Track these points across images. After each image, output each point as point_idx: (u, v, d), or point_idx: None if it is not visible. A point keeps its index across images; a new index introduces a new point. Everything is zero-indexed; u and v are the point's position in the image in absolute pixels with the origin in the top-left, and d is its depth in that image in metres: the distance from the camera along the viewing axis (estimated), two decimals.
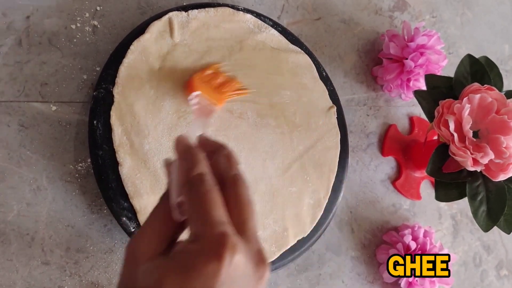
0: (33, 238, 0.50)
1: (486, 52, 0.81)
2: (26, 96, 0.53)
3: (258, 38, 0.61)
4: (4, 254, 0.49)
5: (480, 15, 0.84)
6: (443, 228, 0.73)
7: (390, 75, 0.68)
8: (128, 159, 0.51)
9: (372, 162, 0.69)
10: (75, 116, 0.54)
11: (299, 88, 0.62)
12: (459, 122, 0.56)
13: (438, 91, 0.61)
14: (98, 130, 0.51)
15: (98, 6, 0.57)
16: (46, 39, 0.54)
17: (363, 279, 0.65)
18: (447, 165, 0.58)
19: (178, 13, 0.57)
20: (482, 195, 0.57)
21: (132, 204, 0.50)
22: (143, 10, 0.60)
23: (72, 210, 0.52)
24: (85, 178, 0.53)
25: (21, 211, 0.50)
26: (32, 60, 0.53)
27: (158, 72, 0.55)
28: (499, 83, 0.61)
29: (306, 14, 0.70)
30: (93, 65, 0.56)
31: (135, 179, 0.51)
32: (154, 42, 0.55)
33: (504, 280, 0.76)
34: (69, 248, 0.51)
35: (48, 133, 0.53)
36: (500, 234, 0.77)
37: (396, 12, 0.77)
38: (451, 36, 0.81)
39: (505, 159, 0.54)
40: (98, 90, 0.52)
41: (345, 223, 0.66)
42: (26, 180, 0.51)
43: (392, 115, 0.73)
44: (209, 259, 0.25)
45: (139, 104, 0.53)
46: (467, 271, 0.73)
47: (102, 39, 0.57)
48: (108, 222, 0.53)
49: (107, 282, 0.52)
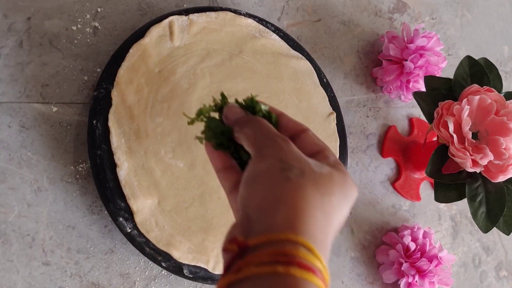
0: (34, 239, 0.50)
1: (485, 54, 0.81)
2: (27, 97, 0.53)
3: (259, 43, 0.61)
4: (5, 254, 0.49)
5: (480, 16, 0.85)
6: (442, 229, 0.73)
7: (389, 76, 0.68)
8: (125, 161, 0.51)
9: (372, 163, 0.70)
10: (75, 117, 0.54)
11: (299, 94, 0.62)
12: (459, 124, 0.56)
13: (438, 93, 0.61)
14: (97, 130, 0.51)
15: (99, 8, 0.57)
16: (47, 40, 0.55)
17: (363, 279, 0.65)
18: (447, 166, 0.58)
19: (179, 17, 0.57)
20: (481, 196, 0.57)
21: (129, 205, 0.51)
22: (143, 11, 0.60)
23: (73, 211, 0.52)
24: (85, 179, 0.53)
25: (22, 211, 0.50)
26: (33, 61, 0.54)
27: (157, 76, 0.55)
28: (499, 84, 0.61)
29: (306, 16, 0.70)
30: (94, 66, 0.56)
31: (133, 181, 0.51)
32: (154, 46, 0.55)
33: (504, 281, 0.76)
34: (69, 248, 0.51)
35: (48, 134, 0.53)
36: (499, 235, 0.77)
37: (396, 13, 0.77)
38: (451, 37, 0.81)
39: (504, 160, 0.54)
40: (98, 90, 0.53)
41: (345, 224, 0.66)
42: (26, 181, 0.51)
43: (391, 117, 0.73)
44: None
45: (137, 107, 0.53)
46: (466, 272, 0.73)
47: (103, 41, 0.57)
48: (109, 223, 0.53)
49: (108, 282, 0.52)
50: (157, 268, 0.55)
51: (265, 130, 0.36)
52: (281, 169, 0.33)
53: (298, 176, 0.33)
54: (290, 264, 0.28)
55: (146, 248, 0.51)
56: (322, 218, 0.32)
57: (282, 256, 0.28)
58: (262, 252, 0.29)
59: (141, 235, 0.51)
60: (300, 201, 0.31)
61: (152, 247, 0.51)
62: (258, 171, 0.34)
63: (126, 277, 0.53)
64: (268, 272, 0.28)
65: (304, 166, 0.34)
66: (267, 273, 0.28)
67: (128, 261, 0.54)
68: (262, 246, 0.30)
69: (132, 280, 0.53)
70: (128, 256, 0.54)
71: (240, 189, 0.34)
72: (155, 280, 0.54)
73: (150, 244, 0.51)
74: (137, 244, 0.51)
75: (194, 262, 0.53)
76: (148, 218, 0.51)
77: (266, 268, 0.28)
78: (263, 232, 0.30)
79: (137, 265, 0.54)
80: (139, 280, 0.54)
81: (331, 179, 0.34)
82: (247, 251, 0.30)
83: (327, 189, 0.33)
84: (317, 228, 0.31)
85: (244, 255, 0.30)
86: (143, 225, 0.51)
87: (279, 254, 0.29)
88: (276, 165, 0.33)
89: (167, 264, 0.52)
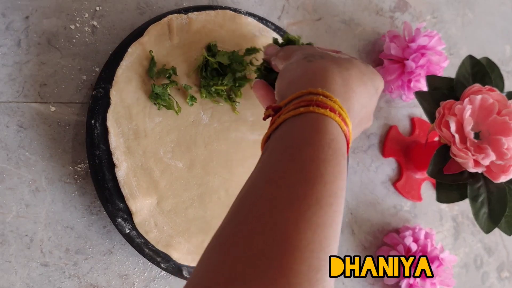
0: (32, 240, 0.50)
1: (487, 53, 0.80)
2: (25, 96, 0.52)
3: (259, 42, 0.61)
4: (3, 255, 0.49)
5: (481, 15, 0.84)
6: (444, 230, 0.73)
7: (391, 76, 0.68)
8: (124, 161, 0.51)
9: (373, 163, 0.69)
10: (74, 117, 0.54)
11: None
12: (460, 123, 0.55)
13: (439, 92, 0.61)
14: (96, 130, 0.51)
15: (98, 7, 0.57)
16: (45, 39, 0.54)
17: (364, 280, 0.65)
18: (448, 167, 0.57)
19: (178, 16, 0.57)
20: (483, 197, 0.57)
21: (127, 206, 0.50)
22: (142, 10, 0.59)
23: (71, 212, 0.52)
24: (84, 180, 0.53)
25: (20, 212, 0.50)
26: (31, 60, 0.53)
27: (156, 75, 0.54)
28: (501, 84, 0.61)
29: (307, 15, 0.70)
30: (92, 65, 0.56)
31: (131, 181, 0.51)
32: (153, 45, 0.55)
33: (505, 282, 0.75)
34: (68, 249, 0.51)
35: (47, 134, 0.52)
36: (501, 235, 0.77)
37: (397, 12, 0.77)
38: (452, 36, 0.80)
39: (506, 161, 0.54)
40: (97, 89, 0.52)
41: (346, 225, 0.65)
42: (25, 181, 0.51)
43: (393, 116, 0.72)
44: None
45: (136, 107, 0.53)
46: (468, 273, 0.73)
47: (102, 40, 0.57)
48: (107, 224, 0.53)
49: (106, 283, 0.52)
50: (156, 269, 0.54)
51: (293, 47, 0.46)
52: (304, 57, 0.41)
53: (318, 58, 0.40)
54: (310, 105, 0.35)
55: (145, 249, 0.51)
56: (341, 81, 0.38)
57: (304, 102, 0.35)
58: (289, 105, 0.36)
59: (140, 236, 0.51)
60: (319, 70, 0.38)
61: (151, 248, 0.51)
62: (287, 65, 0.42)
63: (125, 278, 0.53)
64: (292, 114, 0.35)
65: (324, 53, 0.42)
66: (292, 116, 0.35)
67: (127, 262, 0.53)
68: (290, 102, 0.37)
69: (131, 281, 0.53)
70: (127, 257, 0.53)
71: (275, 85, 0.43)
72: (154, 281, 0.54)
73: (149, 245, 0.51)
74: (136, 245, 0.51)
75: (193, 263, 0.52)
76: (147, 219, 0.51)
77: (291, 112, 0.35)
78: (292, 94, 0.37)
79: (136, 266, 0.54)
80: (138, 281, 0.53)
81: (350, 61, 0.41)
82: (280, 110, 0.37)
83: (346, 65, 0.40)
84: (336, 85, 0.37)
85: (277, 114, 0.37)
86: (142, 226, 0.51)
87: (302, 101, 0.35)
88: (300, 57, 0.42)
89: (166, 265, 0.52)
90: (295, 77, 0.39)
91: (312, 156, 0.32)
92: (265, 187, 0.32)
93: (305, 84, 0.37)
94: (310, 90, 0.36)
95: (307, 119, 0.34)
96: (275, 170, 0.32)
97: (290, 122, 0.35)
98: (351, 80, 0.38)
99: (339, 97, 0.36)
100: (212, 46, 0.57)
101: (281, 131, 0.35)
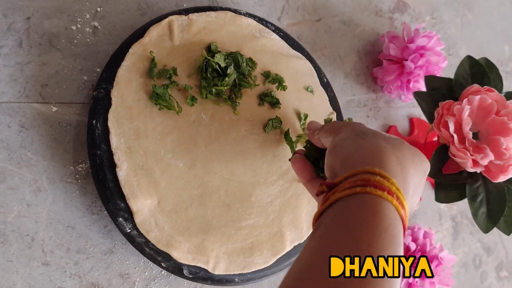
0: (33, 239, 0.50)
1: (486, 54, 0.81)
2: (26, 97, 0.53)
3: (259, 43, 0.61)
4: (4, 255, 0.49)
5: (480, 16, 0.85)
6: (443, 230, 0.73)
7: (390, 76, 0.68)
8: (125, 161, 0.51)
9: None
10: (75, 117, 0.54)
11: (299, 94, 0.62)
12: (459, 124, 0.56)
13: (438, 93, 0.61)
14: (97, 130, 0.51)
15: (99, 7, 0.57)
16: (46, 40, 0.54)
17: None
18: (447, 166, 0.58)
19: (178, 17, 0.57)
20: (482, 196, 0.57)
21: (128, 205, 0.51)
22: (143, 11, 0.60)
23: (72, 211, 0.52)
24: (85, 179, 0.53)
25: (21, 212, 0.50)
26: (32, 61, 0.54)
27: (157, 75, 0.55)
28: (499, 84, 0.61)
29: (306, 15, 0.70)
30: (93, 66, 0.56)
31: (132, 181, 0.51)
32: (154, 45, 0.55)
33: (504, 282, 0.76)
34: (69, 249, 0.51)
35: (48, 134, 0.53)
36: (500, 235, 0.77)
37: (396, 13, 0.77)
38: (451, 37, 0.81)
39: (505, 160, 0.54)
40: (98, 90, 0.52)
41: None
42: (26, 181, 0.51)
43: (392, 116, 0.73)
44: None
45: (137, 107, 0.53)
46: (467, 272, 0.73)
47: (103, 40, 0.57)
48: (108, 223, 0.53)
49: (107, 283, 0.52)
50: (157, 269, 0.55)
51: (339, 123, 0.46)
52: (356, 134, 0.40)
53: (371, 136, 0.40)
54: (367, 186, 0.34)
55: (146, 248, 0.51)
56: (397, 161, 0.37)
57: (360, 181, 0.34)
58: (345, 183, 0.35)
59: (140, 235, 0.51)
60: (375, 148, 0.38)
61: (151, 247, 0.51)
62: (337, 141, 0.41)
63: (125, 277, 0.53)
64: (348, 193, 0.34)
65: (374, 131, 0.42)
66: (347, 195, 0.34)
67: (128, 262, 0.54)
68: (345, 180, 0.36)
69: (132, 280, 0.53)
70: (127, 256, 0.54)
71: (325, 161, 0.42)
72: (154, 280, 0.54)
73: (150, 244, 0.51)
74: (137, 245, 0.51)
75: (194, 262, 0.52)
76: (148, 218, 0.51)
77: (347, 191, 0.34)
78: (346, 171, 0.36)
79: (136, 265, 0.54)
80: (138, 281, 0.54)
81: (400, 140, 0.41)
82: (335, 187, 0.36)
83: (398, 145, 0.39)
84: (392, 165, 0.37)
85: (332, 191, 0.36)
86: (143, 225, 0.51)
87: (358, 180, 0.35)
88: (351, 134, 0.41)
89: (166, 264, 0.52)
90: (349, 153, 0.39)
91: (370, 242, 0.31)
92: (323, 268, 0.31)
93: (360, 162, 0.37)
94: (366, 169, 0.35)
95: (364, 200, 0.34)
96: (331, 251, 0.32)
97: (346, 201, 0.34)
98: (405, 160, 0.38)
99: (396, 178, 0.36)
100: (212, 47, 0.57)
101: (336, 210, 0.35)
